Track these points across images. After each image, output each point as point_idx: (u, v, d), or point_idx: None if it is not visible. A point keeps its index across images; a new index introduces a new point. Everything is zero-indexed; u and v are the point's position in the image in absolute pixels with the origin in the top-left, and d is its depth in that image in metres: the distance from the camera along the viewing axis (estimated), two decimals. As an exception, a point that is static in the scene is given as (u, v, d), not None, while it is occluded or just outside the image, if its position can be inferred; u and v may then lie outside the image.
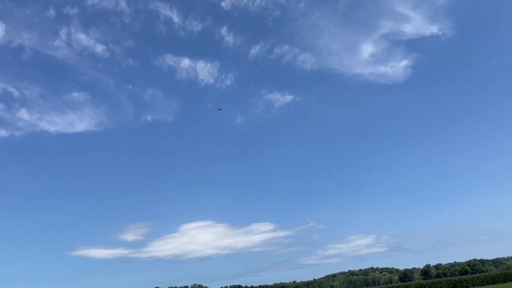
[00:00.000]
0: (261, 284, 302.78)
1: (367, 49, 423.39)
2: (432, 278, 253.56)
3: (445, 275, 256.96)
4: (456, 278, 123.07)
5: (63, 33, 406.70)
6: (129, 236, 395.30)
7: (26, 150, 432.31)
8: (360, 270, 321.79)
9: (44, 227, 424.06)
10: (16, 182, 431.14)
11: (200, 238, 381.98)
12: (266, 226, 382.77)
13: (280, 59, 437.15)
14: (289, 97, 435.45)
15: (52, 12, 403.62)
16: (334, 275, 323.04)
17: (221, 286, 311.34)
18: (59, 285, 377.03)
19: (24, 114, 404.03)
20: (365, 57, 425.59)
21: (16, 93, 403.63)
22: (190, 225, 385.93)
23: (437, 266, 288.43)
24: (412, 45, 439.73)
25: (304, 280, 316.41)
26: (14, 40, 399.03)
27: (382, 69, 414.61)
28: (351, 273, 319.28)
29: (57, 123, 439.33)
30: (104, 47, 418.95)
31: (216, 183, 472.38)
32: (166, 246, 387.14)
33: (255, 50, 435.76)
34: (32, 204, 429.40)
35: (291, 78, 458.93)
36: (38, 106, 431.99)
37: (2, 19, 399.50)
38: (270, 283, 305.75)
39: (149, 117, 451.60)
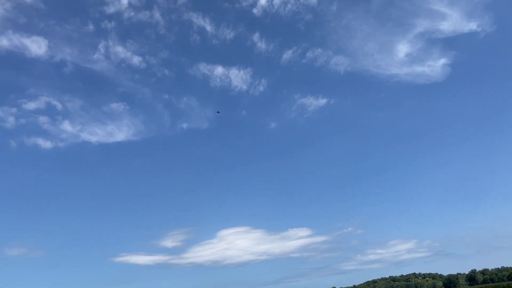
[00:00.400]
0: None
1: (403, 49, 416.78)
2: (478, 284, 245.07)
3: (492, 280, 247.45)
4: (505, 283, 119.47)
5: (101, 46, 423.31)
6: (169, 243, 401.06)
7: (69, 161, 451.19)
8: (402, 275, 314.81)
9: (90, 234, 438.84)
10: (62, 192, 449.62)
11: (237, 244, 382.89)
12: (303, 232, 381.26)
13: (313, 62, 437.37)
14: (322, 101, 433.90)
15: (91, 27, 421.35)
16: (374, 281, 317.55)
17: None
18: (104, 287, 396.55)
19: (67, 126, 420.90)
20: (401, 57, 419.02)
21: (59, 106, 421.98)
22: (227, 231, 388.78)
23: (484, 272, 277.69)
24: (450, 43, 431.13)
25: (343, 286, 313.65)
26: (56, 55, 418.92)
27: (419, 68, 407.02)
28: (392, 279, 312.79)
29: (97, 134, 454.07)
30: (140, 58, 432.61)
31: (251, 189, 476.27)
32: (204, 252, 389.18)
33: (287, 55, 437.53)
34: (78, 211, 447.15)
35: (324, 81, 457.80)
36: (79, 117, 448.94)
37: (44, 36, 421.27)
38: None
39: (184, 125, 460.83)
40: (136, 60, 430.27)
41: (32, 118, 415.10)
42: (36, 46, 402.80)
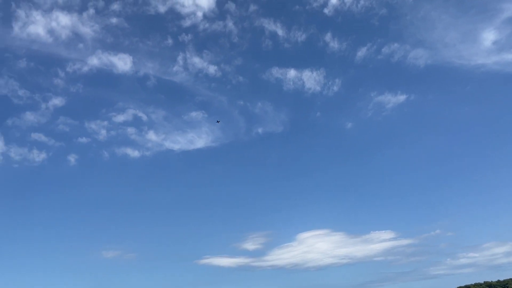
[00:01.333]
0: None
1: (489, 36, 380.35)
2: None
3: None
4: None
5: (180, 59, 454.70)
6: (249, 245, 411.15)
7: (155, 168, 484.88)
8: (499, 281, 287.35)
9: (176, 238, 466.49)
10: (150, 198, 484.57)
11: (317, 247, 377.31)
12: (387, 234, 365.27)
13: (390, 58, 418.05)
14: (401, 97, 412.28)
15: (170, 41, 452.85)
16: (468, 287, 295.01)
17: None
18: None
19: (152, 135, 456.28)
20: (487, 45, 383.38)
21: (144, 117, 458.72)
22: (307, 233, 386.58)
23: None
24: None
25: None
26: (140, 70, 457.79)
27: (509, 56, 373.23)
28: (488, 284, 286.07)
29: (179, 142, 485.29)
30: (216, 67, 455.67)
31: (329, 191, 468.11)
32: (284, 255, 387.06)
33: (361, 52, 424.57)
34: (164, 216, 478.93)
35: (402, 77, 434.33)
36: (163, 127, 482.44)
37: (129, 53, 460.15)
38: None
39: (260, 130, 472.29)
40: (212, 69, 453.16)
41: (121, 129, 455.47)
42: (122, 63, 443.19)
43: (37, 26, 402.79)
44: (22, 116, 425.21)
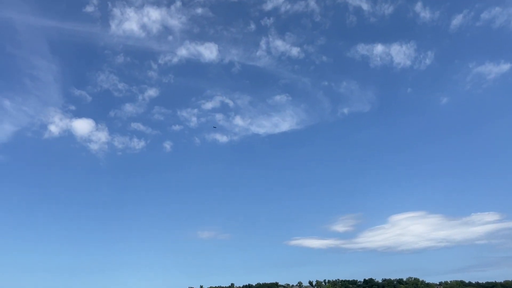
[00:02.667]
0: (489, 280, 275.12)
1: None
2: None
3: None
4: None
5: (263, 43, 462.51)
6: (340, 227, 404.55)
7: (243, 152, 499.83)
8: None
9: (267, 219, 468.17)
10: (240, 181, 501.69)
11: (412, 229, 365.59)
12: (490, 216, 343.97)
13: (490, 24, 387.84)
14: (505, 66, 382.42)
15: (252, 26, 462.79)
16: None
17: (441, 281, 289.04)
18: (279, 270, 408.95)
19: (239, 121, 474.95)
20: None
21: (231, 104, 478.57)
22: (400, 216, 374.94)
23: None
24: None
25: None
26: (226, 57, 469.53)
27: None
28: None
29: (265, 126, 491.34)
30: (298, 49, 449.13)
31: (425, 170, 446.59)
32: (376, 237, 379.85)
33: (457, 20, 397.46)
34: (255, 198, 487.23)
35: (506, 44, 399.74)
36: (248, 112, 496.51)
37: (215, 41, 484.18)
38: (500, 279, 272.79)
39: (345, 110, 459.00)
40: (294, 51, 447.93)
41: (210, 116, 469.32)
42: (209, 52, 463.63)
43: (131, 23, 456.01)
44: (122, 108, 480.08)
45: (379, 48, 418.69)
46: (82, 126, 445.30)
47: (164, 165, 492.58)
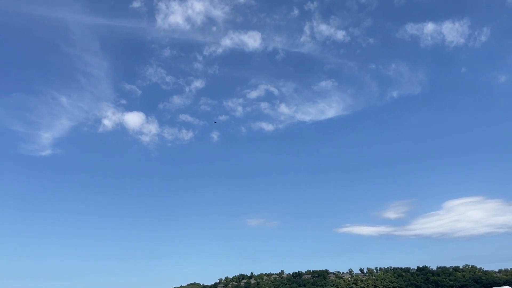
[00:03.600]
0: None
1: None
2: None
3: None
4: None
5: (306, 28, 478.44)
6: (391, 214, 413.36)
7: (289, 140, 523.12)
8: None
9: (316, 206, 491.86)
10: (287, 169, 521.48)
11: (469, 215, 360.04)
12: None
13: None
14: None
15: (295, 12, 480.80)
16: None
17: (500, 268, 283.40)
18: (329, 258, 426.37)
19: (284, 108, 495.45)
20: None
21: (276, 92, 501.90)
22: (456, 201, 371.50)
23: None
24: None
25: None
26: (269, 45, 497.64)
27: None
28: None
29: (310, 113, 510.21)
30: (344, 32, 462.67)
31: (482, 153, 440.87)
32: (430, 224, 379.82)
33: None
34: (303, 185, 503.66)
35: None
36: (293, 100, 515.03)
37: (258, 29, 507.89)
38: None
39: (394, 93, 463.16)
40: (340, 35, 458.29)
41: (255, 105, 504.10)
42: (252, 40, 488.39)
43: (176, 16, 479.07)
44: (171, 100, 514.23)
45: (429, 26, 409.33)
46: (133, 119, 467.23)
47: (212, 154, 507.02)
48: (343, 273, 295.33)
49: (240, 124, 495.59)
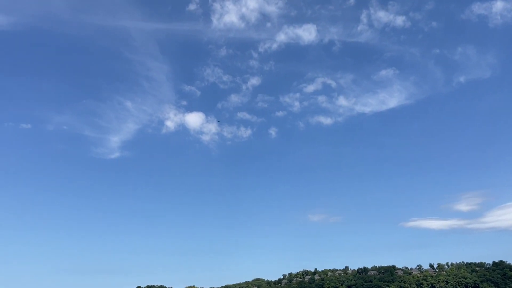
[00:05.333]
0: None
1: None
2: None
3: None
4: None
5: (363, 17, 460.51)
6: (463, 206, 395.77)
7: (349, 132, 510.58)
8: None
9: (380, 200, 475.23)
10: (349, 162, 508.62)
11: None
12: None
13: None
14: None
15: (351, 1, 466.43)
16: None
17: None
18: (396, 253, 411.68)
19: (342, 101, 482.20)
20: None
21: (333, 84, 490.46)
22: None
23: None
24: None
25: None
26: (325, 37, 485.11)
27: None
28: None
29: (371, 104, 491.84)
30: (404, 17, 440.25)
31: None
32: (507, 216, 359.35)
33: None
34: (366, 179, 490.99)
35: None
36: (352, 91, 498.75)
37: (313, 22, 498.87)
38: None
39: (461, 79, 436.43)
40: (399, 20, 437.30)
41: (313, 99, 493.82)
42: (307, 33, 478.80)
43: (230, 15, 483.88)
44: (228, 99, 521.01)
45: (498, 4, 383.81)
46: (194, 119, 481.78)
47: (271, 151, 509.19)
48: (411, 268, 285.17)
49: (297, 119, 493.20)
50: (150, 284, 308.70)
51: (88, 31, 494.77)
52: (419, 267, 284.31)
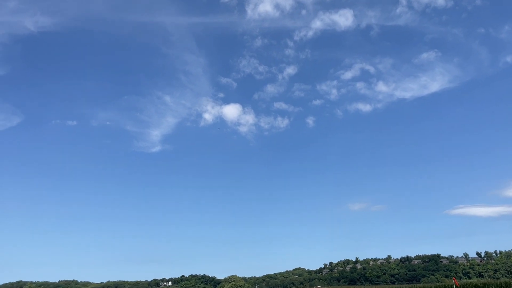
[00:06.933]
0: None
1: None
2: None
3: None
4: None
5: None
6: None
7: (389, 119, 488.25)
8: None
9: (424, 187, 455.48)
10: (390, 149, 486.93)
11: None
12: None
13: None
14: None
15: None
16: None
17: None
18: (440, 241, 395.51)
19: (381, 87, 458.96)
20: None
21: (372, 70, 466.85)
22: None
23: None
24: None
25: None
26: (362, 22, 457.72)
27: None
28: None
29: (411, 89, 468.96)
30: None
31: None
32: None
33: None
34: (408, 166, 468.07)
35: None
36: (391, 76, 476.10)
37: (349, 6, 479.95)
38: None
39: (509, 59, 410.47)
40: (441, 0, 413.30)
41: (351, 86, 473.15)
42: (344, 19, 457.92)
43: (265, 4, 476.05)
44: (265, 89, 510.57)
45: None
46: (231, 111, 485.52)
47: (309, 140, 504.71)
48: (457, 257, 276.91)
49: (335, 107, 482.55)
50: (193, 273, 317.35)
51: (127, 29, 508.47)
52: (466, 255, 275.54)
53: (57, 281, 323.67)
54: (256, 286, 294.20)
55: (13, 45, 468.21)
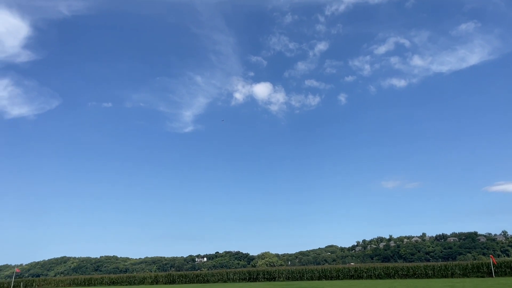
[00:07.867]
0: None
1: None
2: None
3: None
4: None
5: None
6: None
7: (425, 94, 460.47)
8: None
9: (462, 163, 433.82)
10: (423, 125, 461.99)
11: None
12: None
13: None
14: None
15: None
16: None
17: None
18: (478, 219, 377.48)
19: (417, 61, 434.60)
20: None
21: (407, 43, 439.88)
22: None
23: None
24: None
25: None
26: None
27: None
28: None
29: (449, 62, 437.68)
30: None
31: None
32: None
33: None
34: (445, 140, 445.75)
35: None
36: (427, 50, 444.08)
37: None
38: None
39: None
40: None
41: (384, 61, 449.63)
42: None
43: None
44: (295, 67, 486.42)
45: None
46: (262, 90, 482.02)
47: (341, 117, 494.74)
48: (495, 235, 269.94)
49: (368, 83, 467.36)
50: (227, 250, 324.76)
51: (157, 9, 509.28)
52: (504, 233, 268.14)
53: (98, 256, 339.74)
54: (289, 262, 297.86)
55: (49, 29, 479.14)
